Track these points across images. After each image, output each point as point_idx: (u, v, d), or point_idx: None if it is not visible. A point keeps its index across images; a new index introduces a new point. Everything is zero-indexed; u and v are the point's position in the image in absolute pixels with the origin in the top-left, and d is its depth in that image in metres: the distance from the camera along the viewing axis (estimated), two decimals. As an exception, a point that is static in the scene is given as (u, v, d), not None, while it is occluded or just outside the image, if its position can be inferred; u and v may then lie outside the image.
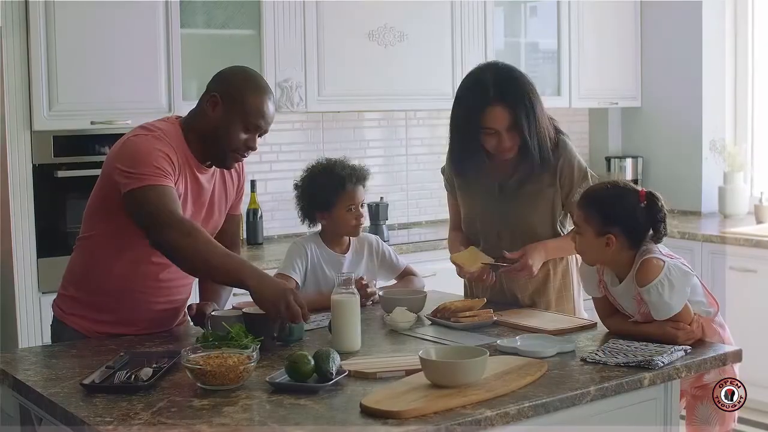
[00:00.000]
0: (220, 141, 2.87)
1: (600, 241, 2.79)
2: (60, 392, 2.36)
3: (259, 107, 2.88)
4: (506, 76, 3.21)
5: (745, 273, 5.25)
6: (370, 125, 5.73)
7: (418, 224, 5.86)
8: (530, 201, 3.29)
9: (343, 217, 3.40)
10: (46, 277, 4.23)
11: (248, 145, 2.90)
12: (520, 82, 3.20)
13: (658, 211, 2.81)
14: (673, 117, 6.30)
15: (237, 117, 2.86)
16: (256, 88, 2.91)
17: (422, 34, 5.39)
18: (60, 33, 4.24)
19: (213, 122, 2.87)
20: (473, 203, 3.42)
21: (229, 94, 2.87)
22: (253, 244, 5.09)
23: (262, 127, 2.90)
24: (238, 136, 2.87)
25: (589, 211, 2.82)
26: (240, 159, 2.95)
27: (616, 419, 2.51)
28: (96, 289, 2.94)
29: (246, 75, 2.97)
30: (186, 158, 2.88)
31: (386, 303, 3.20)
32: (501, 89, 3.15)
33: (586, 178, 3.29)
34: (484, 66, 3.31)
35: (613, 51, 6.29)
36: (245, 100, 2.86)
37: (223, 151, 2.89)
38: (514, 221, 3.31)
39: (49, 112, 4.24)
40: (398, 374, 2.43)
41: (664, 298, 2.70)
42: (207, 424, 2.12)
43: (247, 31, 4.89)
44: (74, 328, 2.96)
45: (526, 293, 3.33)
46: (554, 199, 3.29)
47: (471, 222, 3.44)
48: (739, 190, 5.99)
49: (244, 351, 2.43)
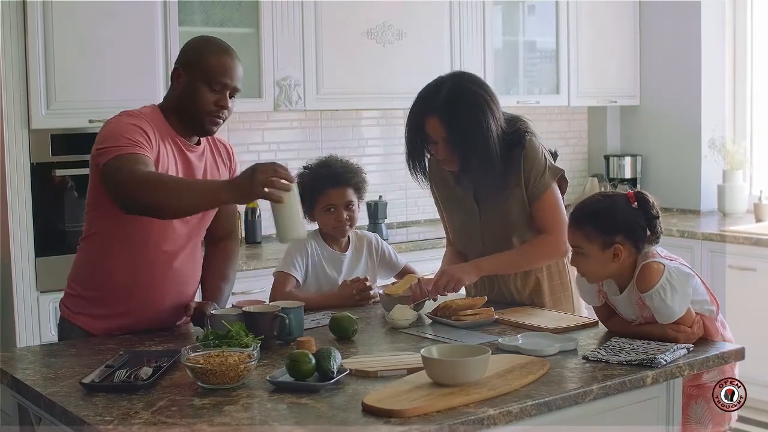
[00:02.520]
0: (191, 107, 2.90)
1: (607, 254, 2.75)
2: (59, 391, 2.35)
3: (220, 64, 2.89)
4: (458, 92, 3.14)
5: (745, 271, 5.25)
6: (369, 123, 5.73)
7: (417, 223, 5.86)
8: (504, 204, 3.25)
9: (321, 218, 3.41)
10: (44, 276, 4.22)
11: (219, 104, 2.90)
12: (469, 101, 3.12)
13: (651, 208, 2.79)
14: (672, 115, 6.30)
15: (199, 79, 2.87)
16: (214, 48, 2.93)
17: (421, 33, 5.38)
18: (58, 31, 4.23)
19: (180, 92, 2.91)
20: (455, 217, 3.41)
21: (188, 60, 2.92)
22: (252, 243, 5.08)
23: (228, 84, 2.90)
24: (206, 98, 2.88)
25: (588, 228, 2.77)
26: (217, 121, 2.94)
27: (618, 418, 2.50)
28: (103, 286, 2.93)
29: (203, 39, 3.02)
30: (170, 136, 2.90)
31: (386, 301, 3.19)
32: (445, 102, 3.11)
33: (545, 173, 3.22)
34: (447, 76, 3.25)
35: (611, 49, 6.29)
36: (204, 61, 2.88)
37: (197, 117, 2.91)
38: (494, 227, 3.28)
39: (47, 110, 4.23)
40: (400, 373, 2.42)
41: (666, 302, 2.69)
42: (207, 424, 2.11)
43: (245, 29, 4.88)
44: (82, 327, 2.95)
45: (524, 294, 3.32)
46: (523, 197, 3.24)
47: (457, 232, 3.43)
48: (738, 188, 5.99)
49: (244, 350, 2.42)
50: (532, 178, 3.21)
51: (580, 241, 2.79)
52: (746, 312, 4.99)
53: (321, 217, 3.40)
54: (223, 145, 3.14)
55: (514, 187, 3.23)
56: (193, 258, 3.05)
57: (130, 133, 2.76)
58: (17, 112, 4.20)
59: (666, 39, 6.28)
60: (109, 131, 2.81)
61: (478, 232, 3.32)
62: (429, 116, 3.14)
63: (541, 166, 3.22)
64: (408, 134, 3.26)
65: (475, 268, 3.23)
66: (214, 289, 3.09)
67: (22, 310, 4.19)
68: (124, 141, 2.73)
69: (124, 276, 2.90)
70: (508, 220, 3.26)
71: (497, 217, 3.27)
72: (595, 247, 2.76)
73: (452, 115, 3.10)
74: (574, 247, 2.83)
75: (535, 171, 3.21)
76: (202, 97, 2.88)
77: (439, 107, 3.12)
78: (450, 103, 3.11)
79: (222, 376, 2.32)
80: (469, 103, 3.12)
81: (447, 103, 3.11)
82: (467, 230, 3.37)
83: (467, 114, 3.10)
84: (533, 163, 3.21)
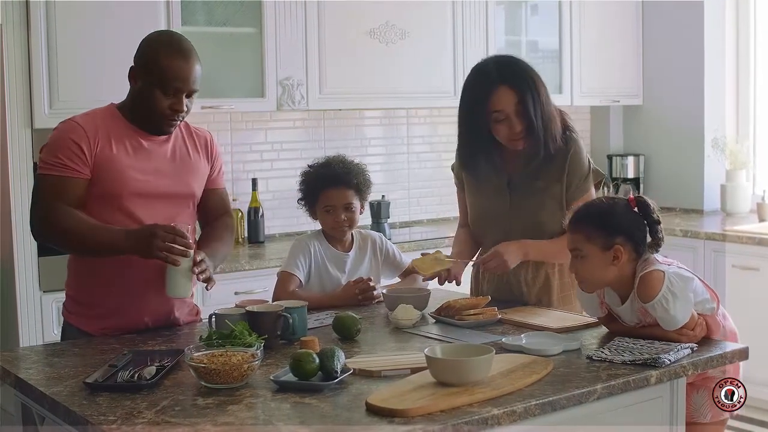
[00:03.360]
0: (146, 109, 2.90)
1: (607, 256, 2.74)
2: (62, 391, 2.35)
3: (174, 69, 2.86)
4: (508, 61, 3.28)
5: (748, 271, 5.24)
6: (372, 123, 5.72)
7: (420, 222, 5.86)
8: (539, 197, 3.28)
9: (322, 218, 3.41)
10: (47, 276, 4.23)
11: (174, 108, 2.89)
12: (522, 66, 3.24)
13: (651, 213, 2.79)
14: (675, 115, 6.30)
15: (154, 83, 2.87)
16: (169, 51, 2.89)
17: (423, 32, 5.38)
18: (61, 31, 4.24)
19: (136, 92, 2.92)
20: (482, 201, 3.41)
21: (143, 61, 2.91)
22: (255, 243, 5.08)
23: (181, 89, 2.88)
24: (161, 102, 2.88)
25: (589, 228, 2.76)
26: (173, 123, 2.95)
27: (622, 417, 2.50)
28: (95, 286, 2.93)
29: (160, 39, 2.97)
30: (123, 129, 2.92)
31: (390, 301, 3.19)
32: (503, 72, 3.18)
33: (588, 177, 3.29)
34: (487, 58, 3.34)
35: (614, 49, 6.29)
36: (159, 65, 2.86)
37: (152, 119, 2.92)
38: (523, 218, 3.30)
39: (50, 110, 4.24)
40: (403, 372, 2.42)
41: (670, 312, 2.68)
42: (211, 423, 2.10)
43: (248, 29, 4.88)
44: (81, 329, 2.96)
45: (534, 290, 3.33)
46: (561, 196, 3.27)
47: (478, 220, 3.44)
48: (741, 187, 5.99)
49: (248, 349, 2.42)
50: (576, 179, 3.26)
51: (580, 243, 2.78)
52: (749, 311, 4.98)
53: (321, 217, 3.41)
54: (201, 135, 3.13)
55: (555, 182, 3.26)
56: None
57: (64, 151, 2.85)
58: (20, 112, 4.21)
59: (669, 38, 6.27)
60: (50, 142, 2.92)
61: (504, 220, 3.33)
62: (496, 88, 3.16)
63: (585, 169, 3.29)
64: (468, 120, 3.27)
65: (522, 255, 3.25)
66: (208, 248, 3.02)
67: (25, 310, 4.20)
68: (55, 160, 2.85)
69: (113, 274, 2.90)
70: (539, 213, 3.28)
71: (528, 208, 3.29)
72: (595, 248, 2.75)
73: (520, 78, 3.17)
74: (573, 250, 2.81)
75: (579, 173, 3.27)
76: (156, 100, 2.87)
77: (505, 75, 3.17)
78: (512, 70, 3.20)
79: (225, 376, 2.31)
80: (527, 69, 3.22)
81: (509, 71, 3.19)
82: (493, 216, 3.37)
83: (531, 77, 3.19)
84: (578, 165, 3.28)
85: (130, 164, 2.89)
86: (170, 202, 2.98)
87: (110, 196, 2.88)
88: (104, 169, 2.86)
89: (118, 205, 2.89)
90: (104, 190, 2.87)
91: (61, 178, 2.83)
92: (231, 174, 5.06)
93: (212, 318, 2.80)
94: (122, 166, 2.88)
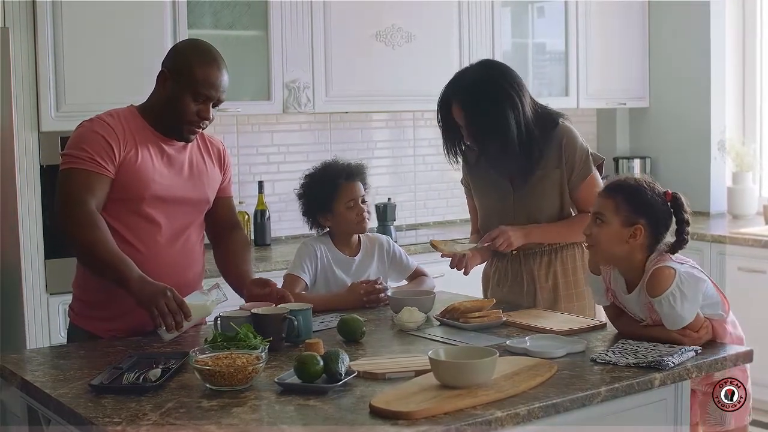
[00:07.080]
0: (173, 114, 2.92)
1: (625, 232, 2.75)
2: (68, 393, 2.36)
3: (207, 76, 2.89)
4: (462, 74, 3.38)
5: (754, 273, 5.23)
6: (378, 126, 5.73)
7: (426, 225, 5.85)
8: (539, 186, 3.37)
9: (344, 215, 3.40)
10: (53, 278, 4.24)
11: (201, 116, 2.92)
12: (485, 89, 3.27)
13: (683, 211, 2.79)
14: (681, 117, 6.29)
15: (185, 88, 2.89)
16: (203, 59, 2.92)
17: (429, 35, 5.38)
18: (67, 34, 4.24)
19: (164, 97, 2.93)
20: (488, 201, 3.49)
21: (177, 67, 2.92)
22: (261, 246, 5.08)
23: (212, 96, 2.91)
24: (190, 108, 2.90)
25: (619, 198, 2.78)
26: (196, 131, 2.97)
27: (626, 420, 2.50)
28: (102, 288, 2.92)
29: (194, 46, 3.02)
30: (146, 133, 2.93)
31: (394, 303, 3.19)
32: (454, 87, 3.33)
33: (588, 159, 3.37)
34: (472, 64, 3.45)
35: (620, 51, 6.28)
36: (192, 71, 2.89)
37: (178, 125, 2.93)
38: (527, 210, 3.39)
39: (57, 113, 4.25)
40: (407, 375, 2.42)
41: (676, 309, 2.68)
42: (216, 425, 2.11)
43: (254, 31, 4.89)
44: (89, 331, 2.97)
45: (546, 286, 3.39)
46: (561, 181, 3.36)
47: (486, 218, 3.50)
48: (747, 190, 5.98)
49: (252, 351, 2.43)
50: (576, 162, 3.36)
51: (606, 209, 2.79)
52: (755, 314, 4.95)
53: (343, 215, 3.40)
54: (214, 144, 3.15)
55: (553, 168, 3.35)
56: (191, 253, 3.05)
57: (92, 145, 2.83)
58: (27, 114, 4.21)
59: (675, 41, 6.27)
60: (76, 137, 2.90)
61: (509, 213, 3.40)
62: (452, 102, 3.32)
63: (584, 151, 3.38)
64: (439, 119, 3.43)
65: (524, 235, 3.36)
66: (245, 275, 3.11)
67: (32, 312, 4.20)
68: (84, 154, 2.82)
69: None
70: (541, 202, 3.37)
71: (531, 198, 3.38)
72: (618, 219, 2.76)
73: (471, 103, 3.26)
74: (596, 214, 2.82)
75: (578, 155, 3.37)
76: (186, 106, 2.90)
77: (459, 94, 3.29)
78: (469, 91, 3.27)
79: (230, 378, 2.32)
80: (487, 91, 3.26)
81: (467, 90, 3.28)
82: (499, 212, 3.44)
83: (485, 102, 3.25)
84: (575, 148, 3.36)
85: (154, 169, 2.91)
86: (187, 208, 3.01)
87: (130, 199, 2.88)
88: (129, 171, 2.87)
89: (137, 208, 2.90)
90: (125, 193, 2.87)
91: (91, 173, 2.82)
92: (237, 177, 5.07)
93: (217, 320, 2.81)
94: (147, 171, 2.89)
